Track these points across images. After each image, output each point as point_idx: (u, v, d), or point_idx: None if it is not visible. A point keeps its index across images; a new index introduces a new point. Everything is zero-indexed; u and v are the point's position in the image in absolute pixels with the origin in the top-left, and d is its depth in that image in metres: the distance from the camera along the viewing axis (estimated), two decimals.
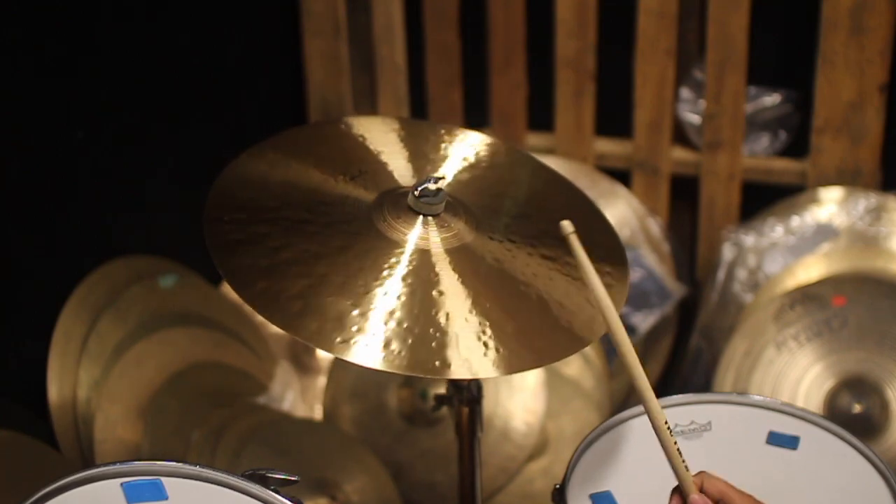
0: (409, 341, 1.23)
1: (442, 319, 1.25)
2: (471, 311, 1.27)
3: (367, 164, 1.44)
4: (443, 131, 1.54)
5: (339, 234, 1.33)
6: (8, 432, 1.73)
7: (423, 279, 1.29)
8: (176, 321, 2.03)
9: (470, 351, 1.23)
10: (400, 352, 1.21)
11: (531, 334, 1.30)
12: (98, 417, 1.86)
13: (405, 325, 1.24)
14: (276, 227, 1.32)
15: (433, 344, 1.23)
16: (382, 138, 1.50)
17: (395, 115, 2.49)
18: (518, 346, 1.27)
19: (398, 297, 1.26)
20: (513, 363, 1.25)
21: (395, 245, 1.32)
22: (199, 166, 2.26)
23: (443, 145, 1.52)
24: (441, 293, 1.28)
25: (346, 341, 1.22)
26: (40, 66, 1.85)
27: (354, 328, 1.23)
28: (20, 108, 1.83)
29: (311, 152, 1.46)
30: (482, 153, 1.53)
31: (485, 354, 1.24)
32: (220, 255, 1.28)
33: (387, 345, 1.22)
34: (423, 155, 1.48)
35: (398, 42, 2.48)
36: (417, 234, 1.34)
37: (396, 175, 1.44)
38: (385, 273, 1.29)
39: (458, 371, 1.22)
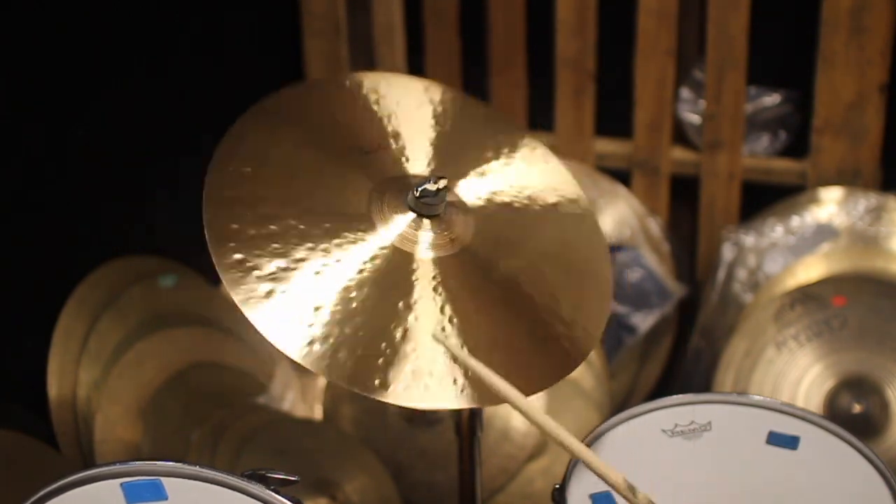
0: (358, 352, 1.17)
1: (398, 335, 1.19)
2: (442, 330, 1.21)
3: (387, 140, 1.37)
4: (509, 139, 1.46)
5: (332, 215, 1.27)
6: (8, 432, 1.73)
7: (393, 284, 1.23)
8: (176, 321, 2.03)
9: (431, 376, 1.18)
10: (345, 362, 1.16)
11: (507, 364, 1.23)
12: (98, 417, 1.86)
13: (360, 334, 1.18)
14: (275, 190, 1.27)
15: (380, 361, 1.17)
16: (415, 112, 1.42)
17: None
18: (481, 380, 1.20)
19: (361, 301, 1.20)
20: (472, 397, 1.19)
21: (379, 243, 1.27)
22: (199, 166, 2.27)
23: (502, 153, 1.44)
24: (408, 306, 1.22)
25: (308, 342, 1.16)
26: (40, 65, 1.85)
27: (311, 327, 1.18)
28: (20, 107, 1.83)
29: (335, 113, 1.39)
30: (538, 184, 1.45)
31: (454, 382, 1.19)
32: (212, 211, 1.24)
33: (335, 351, 1.17)
34: (460, 149, 1.40)
35: (398, 42, 2.48)
36: (398, 233, 1.28)
37: (413, 160, 1.37)
38: (361, 272, 1.23)
39: (396, 396, 1.16)
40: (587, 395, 2.13)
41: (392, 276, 1.24)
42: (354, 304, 1.20)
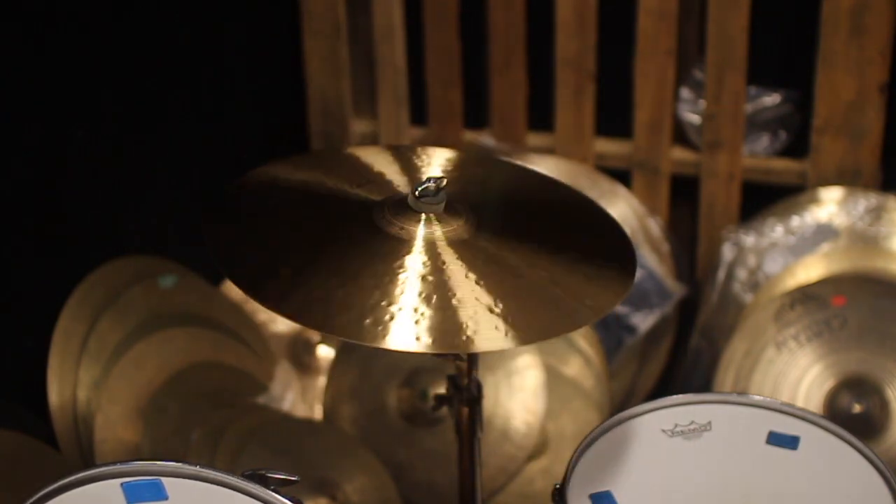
0: (435, 323, 1.27)
1: (456, 302, 1.29)
2: (481, 293, 1.31)
3: (370, 176, 1.50)
4: (419, 150, 1.61)
5: (358, 232, 1.39)
6: (8, 432, 1.73)
7: (435, 268, 1.34)
8: (176, 321, 2.03)
9: (487, 327, 1.27)
10: (430, 335, 1.26)
11: (537, 312, 1.33)
12: (98, 417, 1.86)
13: (428, 312, 1.28)
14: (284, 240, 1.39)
15: (460, 322, 1.27)
16: (378, 158, 1.57)
17: (394, 119, 2.51)
18: (528, 321, 1.31)
19: (420, 287, 1.30)
20: (527, 335, 1.30)
21: (405, 242, 1.36)
22: (200, 166, 2.27)
23: (424, 159, 1.57)
24: (450, 277, 1.32)
25: (378, 326, 1.25)
26: (40, 65, 1.85)
27: (386, 317, 1.26)
28: (20, 107, 1.83)
29: (320, 166, 1.55)
30: (455, 163, 1.57)
31: (498, 329, 1.28)
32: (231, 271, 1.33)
33: (417, 328, 1.26)
34: (414, 169, 1.54)
35: (398, 42, 2.48)
36: (423, 230, 1.38)
37: (395, 185, 1.49)
38: (402, 266, 1.33)
39: (483, 345, 1.27)
40: (587, 395, 2.13)
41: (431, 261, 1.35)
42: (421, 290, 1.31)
